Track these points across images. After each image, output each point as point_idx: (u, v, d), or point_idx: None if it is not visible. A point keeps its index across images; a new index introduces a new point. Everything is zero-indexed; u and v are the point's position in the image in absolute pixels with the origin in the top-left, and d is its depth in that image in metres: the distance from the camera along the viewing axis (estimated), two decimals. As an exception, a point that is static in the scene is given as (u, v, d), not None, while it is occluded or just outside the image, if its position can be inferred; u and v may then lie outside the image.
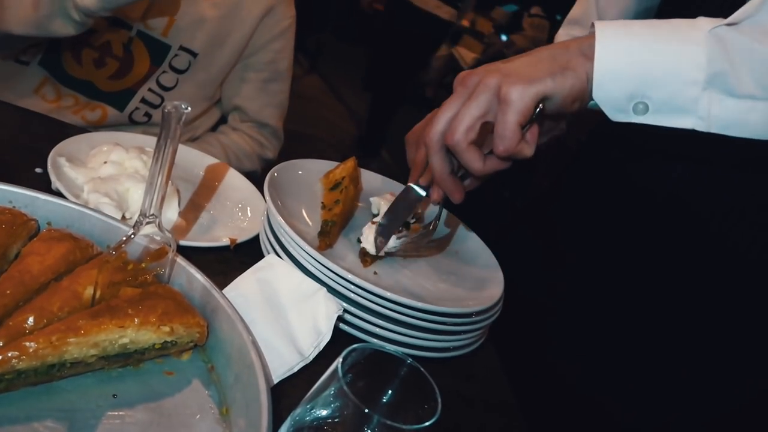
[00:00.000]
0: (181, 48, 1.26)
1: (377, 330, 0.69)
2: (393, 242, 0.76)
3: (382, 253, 0.76)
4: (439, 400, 0.45)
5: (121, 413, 0.49)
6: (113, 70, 1.27)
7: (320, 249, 0.73)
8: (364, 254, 0.77)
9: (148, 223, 0.55)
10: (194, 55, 1.28)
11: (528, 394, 0.80)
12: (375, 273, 0.76)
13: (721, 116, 0.58)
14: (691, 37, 0.56)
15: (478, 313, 0.73)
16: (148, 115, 1.30)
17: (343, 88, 5.38)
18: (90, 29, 1.15)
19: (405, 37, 3.89)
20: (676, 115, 0.59)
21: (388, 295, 0.66)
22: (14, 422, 0.45)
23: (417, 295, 0.72)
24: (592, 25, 0.60)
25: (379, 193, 0.88)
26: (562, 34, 1.13)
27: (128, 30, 1.24)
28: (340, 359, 0.45)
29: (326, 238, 0.75)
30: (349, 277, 0.67)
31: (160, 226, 0.57)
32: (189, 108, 0.52)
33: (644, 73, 0.57)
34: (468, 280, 0.82)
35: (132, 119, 1.27)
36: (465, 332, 0.73)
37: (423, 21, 3.81)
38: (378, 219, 0.75)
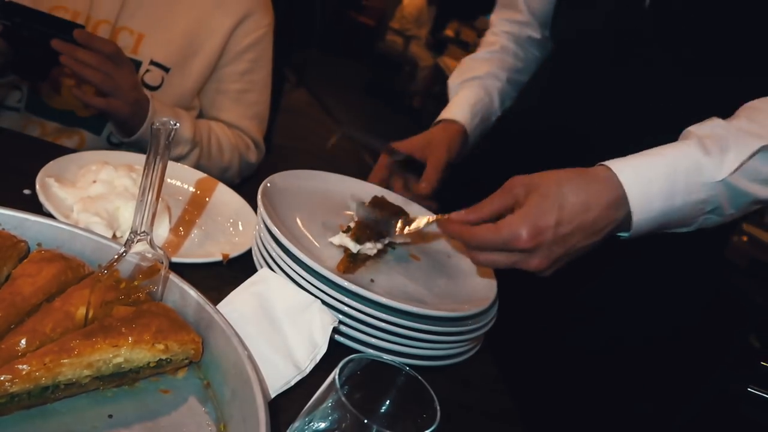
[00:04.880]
0: (152, 63, 1.26)
1: (373, 340, 0.69)
2: (370, 245, 0.79)
3: (357, 250, 0.77)
4: (438, 407, 0.45)
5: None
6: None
7: (339, 270, 0.75)
8: (347, 256, 0.77)
9: (139, 240, 0.55)
10: (166, 69, 1.27)
11: (526, 401, 0.80)
12: (372, 281, 0.76)
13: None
14: (700, 197, 0.66)
15: (472, 318, 0.73)
16: None
17: (330, 100, 5.40)
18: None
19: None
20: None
21: (384, 300, 0.67)
22: (7, 447, 0.44)
23: (411, 302, 0.72)
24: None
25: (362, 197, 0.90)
26: (495, 19, 1.23)
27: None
28: (337, 370, 0.45)
29: (352, 264, 0.77)
30: (345, 284, 0.67)
31: (151, 243, 0.56)
32: (177, 124, 0.52)
33: (666, 225, 0.69)
34: (461, 287, 0.82)
35: (110, 142, 1.26)
36: (460, 339, 0.73)
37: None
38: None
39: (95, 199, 0.72)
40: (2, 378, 0.45)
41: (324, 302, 0.67)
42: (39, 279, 0.53)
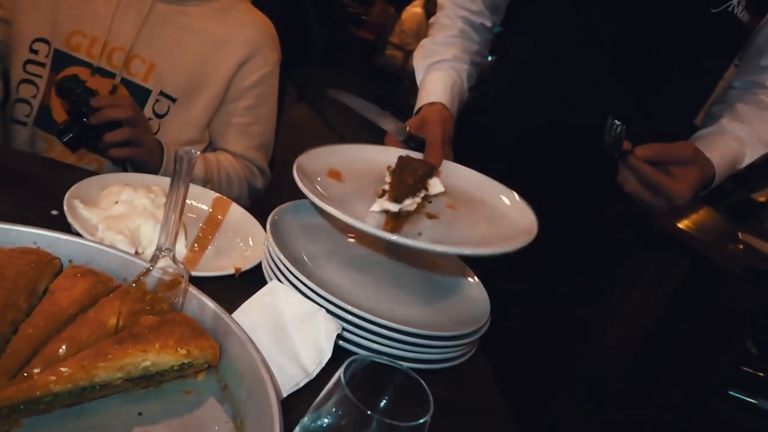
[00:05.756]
0: (161, 93, 1.33)
1: (373, 345, 0.75)
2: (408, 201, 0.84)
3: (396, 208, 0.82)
4: (431, 400, 0.50)
5: (147, 429, 0.54)
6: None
7: (387, 230, 0.78)
8: (390, 216, 0.81)
9: (163, 256, 0.61)
10: (173, 100, 1.34)
11: (519, 400, 0.85)
12: (419, 234, 0.81)
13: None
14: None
15: (466, 335, 0.79)
16: None
17: (331, 115, 5.49)
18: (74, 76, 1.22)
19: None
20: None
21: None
22: (52, 440, 0.50)
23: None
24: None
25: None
26: (447, 2, 1.28)
27: (112, 78, 1.32)
28: (342, 369, 0.51)
29: (396, 223, 0.80)
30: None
31: (174, 259, 0.63)
32: (198, 153, 0.59)
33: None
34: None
35: (126, 167, 1.33)
36: (455, 346, 0.79)
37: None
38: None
39: (118, 218, 0.79)
40: (47, 379, 0.51)
41: (328, 311, 0.73)
42: (74, 292, 0.60)
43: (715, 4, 0.99)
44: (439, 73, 1.19)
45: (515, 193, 0.95)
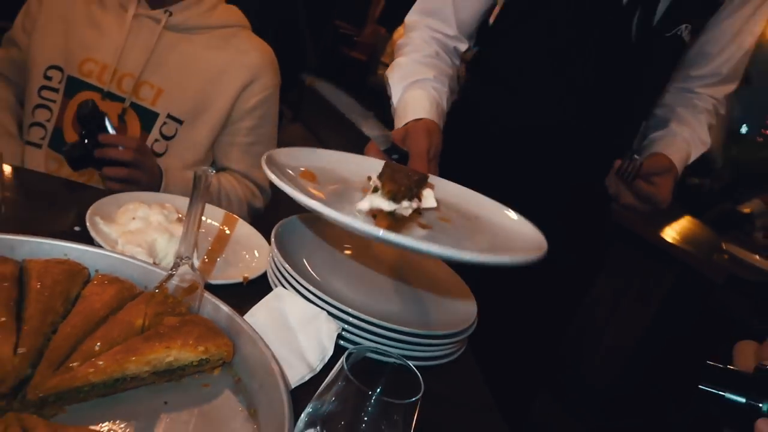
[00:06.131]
0: (169, 116, 1.42)
1: (370, 344, 0.82)
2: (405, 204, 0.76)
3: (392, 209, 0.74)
4: (422, 382, 0.58)
5: (172, 416, 0.62)
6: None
7: (382, 226, 0.69)
8: (385, 213, 0.74)
9: (183, 264, 0.69)
10: (180, 122, 1.43)
11: (504, 395, 0.93)
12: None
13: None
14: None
15: (455, 334, 0.87)
16: None
17: (325, 133, 5.59)
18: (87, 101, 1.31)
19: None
20: None
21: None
22: (90, 425, 0.57)
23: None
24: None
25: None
26: (420, 24, 1.25)
27: (122, 102, 1.40)
28: (343, 358, 0.58)
29: (393, 222, 0.73)
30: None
31: (192, 266, 0.70)
32: (214, 171, 0.67)
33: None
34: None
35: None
36: (444, 344, 0.87)
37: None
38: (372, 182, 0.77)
39: (135, 233, 0.86)
40: (86, 371, 0.58)
41: (329, 313, 0.81)
42: (104, 297, 0.67)
43: (668, 29, 1.14)
44: (421, 92, 1.16)
45: (512, 210, 0.91)
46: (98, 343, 0.62)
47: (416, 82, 1.17)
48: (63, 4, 1.45)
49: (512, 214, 0.89)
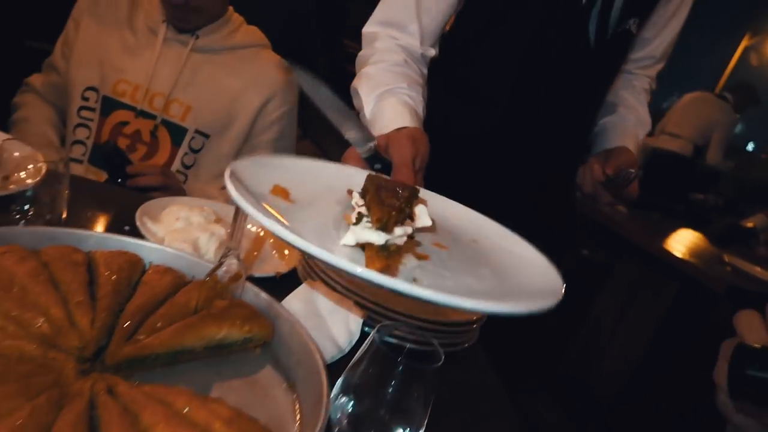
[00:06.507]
0: (196, 131, 1.53)
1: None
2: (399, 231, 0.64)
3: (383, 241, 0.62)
4: (441, 351, 0.67)
5: (223, 384, 0.70)
6: (142, 154, 1.53)
7: (375, 269, 0.58)
8: (375, 250, 0.61)
9: (230, 255, 0.79)
10: (206, 136, 1.54)
11: (512, 381, 1.01)
12: (414, 280, 0.62)
13: None
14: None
15: (472, 322, 0.95)
16: None
17: (333, 150, 5.71)
18: (122, 121, 1.44)
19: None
20: None
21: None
22: (155, 390, 0.66)
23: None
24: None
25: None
26: (382, 34, 1.19)
27: (153, 119, 1.51)
28: (374, 330, 0.67)
29: (386, 258, 0.61)
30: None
31: (238, 257, 0.80)
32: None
33: None
34: (509, 274, 0.74)
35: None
36: (457, 332, 0.96)
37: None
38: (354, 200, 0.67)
39: (179, 231, 0.96)
40: (153, 342, 0.67)
41: (355, 302, 0.90)
42: (161, 283, 0.76)
43: (621, 25, 1.26)
44: (395, 100, 1.07)
45: (508, 229, 0.79)
46: (159, 322, 0.71)
47: (388, 91, 1.09)
48: (98, 30, 1.57)
49: (509, 234, 0.78)
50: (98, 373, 0.61)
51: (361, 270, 0.53)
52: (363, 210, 0.65)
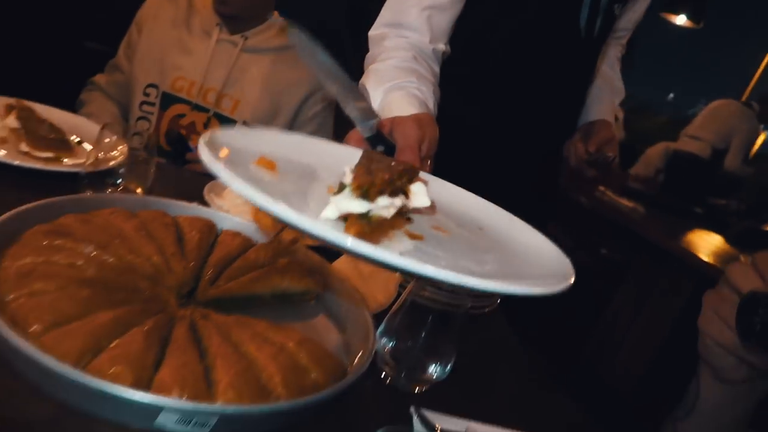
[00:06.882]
0: (244, 123, 1.69)
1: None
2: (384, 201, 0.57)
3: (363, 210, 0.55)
4: (468, 303, 0.79)
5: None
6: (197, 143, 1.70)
7: (350, 233, 0.52)
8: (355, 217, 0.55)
9: (290, 221, 0.93)
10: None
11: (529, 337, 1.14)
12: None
13: None
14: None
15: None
16: None
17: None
18: (179, 114, 1.61)
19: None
20: None
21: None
22: (233, 326, 0.81)
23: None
24: None
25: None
26: (391, 34, 1.16)
27: (207, 112, 1.68)
28: (411, 283, 0.81)
29: (367, 227, 0.54)
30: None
31: (296, 223, 0.95)
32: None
33: None
34: (516, 262, 0.73)
35: None
36: (486, 297, 1.09)
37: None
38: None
39: (241, 205, 1.11)
40: (231, 286, 0.82)
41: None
42: (234, 243, 0.92)
43: (608, 12, 1.39)
44: (404, 92, 1.04)
45: (521, 220, 0.73)
46: (235, 272, 0.86)
47: (397, 85, 1.05)
48: (158, 34, 1.74)
49: (523, 225, 0.72)
50: (193, 306, 0.77)
51: (335, 235, 0.46)
52: (347, 180, 0.56)
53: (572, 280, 0.55)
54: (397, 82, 1.06)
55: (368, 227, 0.54)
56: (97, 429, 0.59)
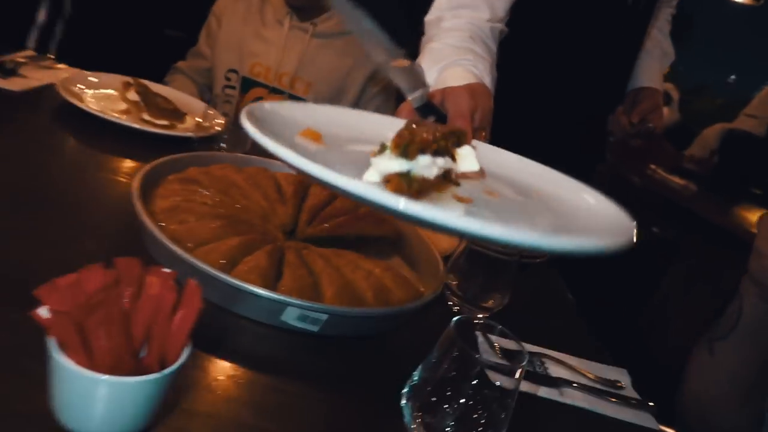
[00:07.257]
0: (314, 101, 1.86)
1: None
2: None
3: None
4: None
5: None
6: None
7: (391, 189, 0.51)
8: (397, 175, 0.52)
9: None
10: None
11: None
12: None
13: None
14: None
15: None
16: None
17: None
18: (258, 97, 1.79)
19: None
20: None
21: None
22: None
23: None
24: None
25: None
26: (447, 15, 1.14)
27: (282, 94, 1.86)
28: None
29: (408, 186, 0.52)
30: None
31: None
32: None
33: None
34: (576, 220, 0.66)
35: None
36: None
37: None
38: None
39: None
40: (324, 227, 0.99)
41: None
42: (323, 195, 1.08)
43: None
44: (460, 68, 1.01)
45: (588, 186, 0.68)
46: (326, 217, 1.03)
47: (453, 63, 1.04)
48: (236, 24, 1.93)
49: (591, 196, 0.66)
50: (294, 242, 0.94)
51: (381, 195, 0.44)
52: (388, 141, 0.54)
53: (634, 235, 0.51)
54: (454, 59, 1.04)
55: (408, 188, 0.51)
56: (238, 323, 0.77)
